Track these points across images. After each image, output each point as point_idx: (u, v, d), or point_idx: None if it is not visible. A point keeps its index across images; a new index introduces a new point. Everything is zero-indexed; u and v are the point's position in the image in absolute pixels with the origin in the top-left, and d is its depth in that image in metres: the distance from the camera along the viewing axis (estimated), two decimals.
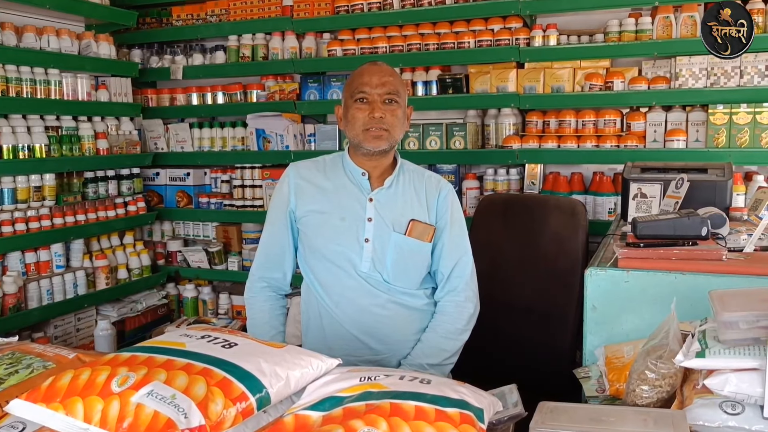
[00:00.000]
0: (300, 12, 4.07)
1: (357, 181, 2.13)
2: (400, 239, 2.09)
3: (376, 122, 2.04)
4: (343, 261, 2.09)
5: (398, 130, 2.10)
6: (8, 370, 1.33)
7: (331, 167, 2.18)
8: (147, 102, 4.52)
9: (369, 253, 2.08)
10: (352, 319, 2.10)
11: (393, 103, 2.07)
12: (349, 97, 2.10)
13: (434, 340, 2.13)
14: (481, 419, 1.12)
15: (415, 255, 2.12)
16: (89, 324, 3.87)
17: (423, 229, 2.11)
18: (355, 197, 2.11)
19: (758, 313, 1.22)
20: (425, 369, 2.07)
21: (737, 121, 3.20)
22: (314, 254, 2.14)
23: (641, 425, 1.17)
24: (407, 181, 2.17)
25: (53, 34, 3.70)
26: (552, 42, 3.57)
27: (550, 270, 2.91)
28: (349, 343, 2.11)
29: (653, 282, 1.87)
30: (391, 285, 2.11)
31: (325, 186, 2.14)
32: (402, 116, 2.11)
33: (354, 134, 2.08)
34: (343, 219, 2.09)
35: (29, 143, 3.49)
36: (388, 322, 2.11)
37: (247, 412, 1.13)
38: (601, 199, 3.51)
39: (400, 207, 2.12)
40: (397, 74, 2.14)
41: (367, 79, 2.07)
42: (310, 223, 2.13)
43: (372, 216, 2.09)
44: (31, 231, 3.51)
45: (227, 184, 4.41)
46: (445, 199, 2.18)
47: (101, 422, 1.08)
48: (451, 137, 3.76)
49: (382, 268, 2.09)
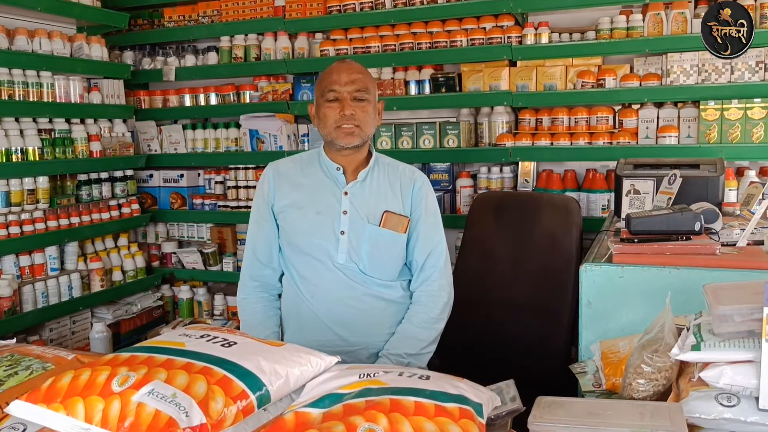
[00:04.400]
0: (292, 12, 4.07)
1: (332, 175, 2.19)
2: (374, 231, 2.14)
3: (347, 119, 2.10)
4: (320, 253, 2.15)
5: (369, 126, 2.16)
6: (8, 372, 1.33)
7: (308, 164, 2.25)
8: (140, 104, 4.51)
9: (345, 244, 2.13)
10: (327, 310, 2.16)
11: (363, 99, 2.13)
12: (320, 96, 2.16)
13: (410, 330, 2.18)
14: (480, 414, 1.13)
15: (389, 245, 2.17)
16: (84, 326, 3.86)
17: (397, 221, 2.17)
18: (331, 191, 2.17)
19: (752, 305, 1.22)
20: (403, 359, 2.13)
21: (728, 117, 3.23)
22: (292, 248, 2.19)
23: (638, 418, 1.18)
24: (382, 174, 2.22)
25: (45, 37, 3.69)
26: (544, 40, 3.58)
27: (545, 267, 2.92)
28: (323, 333, 2.16)
29: (648, 277, 1.88)
30: (368, 276, 2.16)
31: (302, 182, 2.21)
32: (373, 112, 2.17)
33: (327, 131, 2.14)
34: (319, 213, 2.15)
35: (22, 146, 3.48)
36: (363, 315, 2.16)
37: (248, 410, 1.13)
38: (594, 195, 3.52)
39: (375, 199, 2.17)
40: (366, 71, 2.19)
41: (336, 77, 2.12)
42: (288, 218, 2.19)
43: (347, 209, 2.14)
44: (25, 234, 3.50)
45: (221, 185, 4.40)
46: (420, 191, 2.23)
47: (102, 422, 1.08)
48: (445, 136, 3.77)
49: (358, 259, 2.14)
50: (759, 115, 3.18)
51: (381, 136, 3.89)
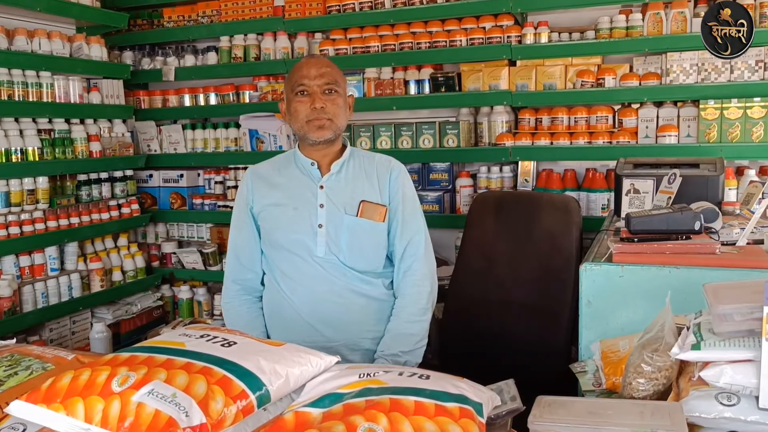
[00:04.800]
0: (291, 12, 4.07)
1: (307, 171, 2.21)
2: (352, 221, 2.16)
3: (318, 112, 2.12)
4: (299, 248, 2.16)
5: (341, 119, 2.18)
6: (7, 372, 1.33)
7: (284, 163, 2.27)
8: (139, 104, 4.51)
9: (323, 237, 2.14)
10: (308, 306, 2.16)
11: (333, 92, 2.15)
12: (290, 91, 2.18)
13: (400, 326, 2.18)
14: (481, 413, 1.12)
15: (369, 235, 2.18)
16: (84, 327, 3.87)
17: (374, 209, 2.18)
18: (307, 186, 2.19)
19: (752, 304, 1.22)
20: (400, 357, 2.13)
21: (728, 116, 3.23)
22: (273, 246, 2.21)
23: (638, 418, 1.18)
24: (358, 165, 2.24)
25: (44, 37, 3.69)
26: (543, 39, 3.58)
27: (544, 267, 2.91)
28: (303, 328, 2.16)
29: (647, 276, 1.88)
30: (349, 268, 2.16)
31: (279, 181, 2.23)
32: (343, 105, 2.19)
33: (298, 126, 2.17)
34: (296, 208, 2.17)
35: (22, 146, 3.49)
36: (344, 310, 2.16)
37: (248, 410, 1.13)
38: (594, 195, 3.52)
39: (351, 190, 2.19)
40: (334, 65, 2.20)
41: (306, 71, 2.14)
42: (267, 217, 2.21)
43: (323, 202, 2.16)
44: (25, 234, 3.50)
45: (221, 185, 4.40)
46: (397, 180, 2.23)
47: (102, 422, 1.08)
48: (444, 135, 3.77)
49: (338, 251, 2.15)
50: (759, 114, 3.18)
51: (381, 135, 3.89)
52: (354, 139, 3.93)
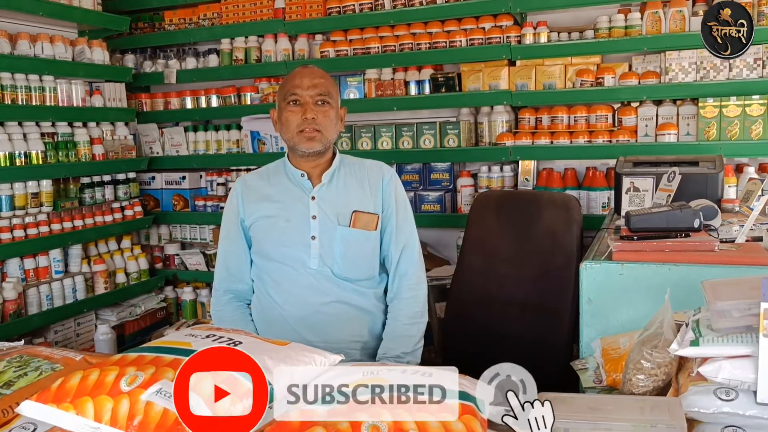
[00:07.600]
0: (292, 14, 4.09)
1: (298, 182, 2.18)
2: (345, 232, 2.14)
3: (309, 123, 2.09)
4: (292, 261, 2.14)
5: (331, 131, 2.15)
6: (17, 373, 1.35)
7: (274, 174, 2.25)
8: (141, 107, 4.53)
9: (316, 249, 2.13)
10: (297, 315, 2.15)
11: (325, 104, 2.12)
12: (282, 100, 2.16)
13: (399, 328, 2.18)
14: (482, 410, 1.14)
15: (362, 244, 2.17)
16: (89, 328, 3.89)
17: (367, 219, 2.17)
18: (298, 198, 2.16)
19: (750, 301, 1.24)
20: (402, 358, 2.13)
21: (727, 114, 3.24)
22: (265, 258, 2.19)
23: (638, 413, 1.19)
24: (348, 173, 2.22)
25: (47, 41, 3.71)
26: (543, 39, 3.60)
27: (545, 265, 2.93)
28: (291, 336, 2.12)
29: (647, 274, 1.89)
30: (341, 280, 2.15)
31: (270, 192, 2.20)
32: (335, 117, 2.16)
33: (289, 136, 2.14)
34: (288, 220, 2.15)
35: (26, 150, 3.51)
36: (334, 321, 2.14)
37: None
38: (594, 193, 3.54)
39: (343, 200, 2.17)
40: (328, 76, 2.18)
41: (299, 81, 2.12)
42: (259, 229, 2.18)
43: (316, 213, 2.14)
44: (30, 237, 3.52)
45: (223, 187, 4.42)
46: (389, 185, 2.22)
47: (111, 421, 1.10)
48: (445, 135, 3.79)
49: (332, 263, 2.14)
50: (757, 111, 3.20)
51: (382, 136, 3.90)
52: (355, 140, 3.94)
